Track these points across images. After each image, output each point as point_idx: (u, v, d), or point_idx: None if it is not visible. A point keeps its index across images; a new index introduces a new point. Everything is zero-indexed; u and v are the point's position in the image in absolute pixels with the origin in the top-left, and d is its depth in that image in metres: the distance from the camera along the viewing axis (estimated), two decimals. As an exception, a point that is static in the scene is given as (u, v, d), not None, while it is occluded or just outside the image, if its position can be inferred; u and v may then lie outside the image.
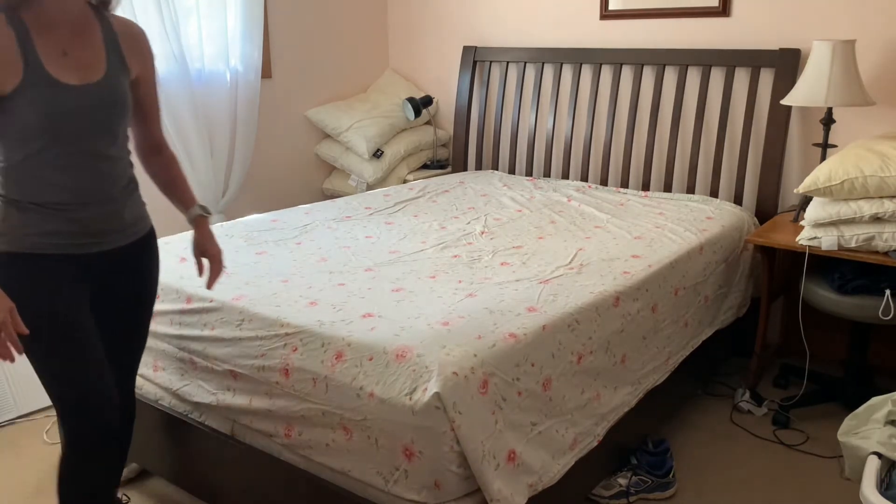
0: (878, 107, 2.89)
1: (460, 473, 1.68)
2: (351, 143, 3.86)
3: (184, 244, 2.59)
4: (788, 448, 2.63)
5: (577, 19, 3.68)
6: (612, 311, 2.14)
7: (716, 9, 3.25)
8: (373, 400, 1.71)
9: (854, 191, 2.48)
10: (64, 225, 1.66)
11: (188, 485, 2.27)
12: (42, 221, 1.64)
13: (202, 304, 2.14)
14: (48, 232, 1.65)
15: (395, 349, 1.74)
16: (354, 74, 4.26)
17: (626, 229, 2.77)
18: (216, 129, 3.46)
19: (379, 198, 3.34)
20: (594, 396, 2.08)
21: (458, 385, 1.64)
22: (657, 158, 3.51)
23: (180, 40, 3.22)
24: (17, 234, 1.63)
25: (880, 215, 2.46)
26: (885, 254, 2.49)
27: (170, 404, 2.24)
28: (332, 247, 2.57)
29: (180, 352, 2.18)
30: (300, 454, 1.91)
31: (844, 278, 2.60)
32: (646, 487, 2.32)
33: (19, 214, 1.63)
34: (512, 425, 1.77)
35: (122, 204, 1.76)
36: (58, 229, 1.65)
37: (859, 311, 2.54)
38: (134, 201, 1.83)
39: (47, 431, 2.79)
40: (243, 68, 3.51)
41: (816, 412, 2.82)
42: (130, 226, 1.80)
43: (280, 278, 2.25)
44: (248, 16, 3.48)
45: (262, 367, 1.95)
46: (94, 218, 1.70)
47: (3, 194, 1.64)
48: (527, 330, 1.87)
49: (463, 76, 4.02)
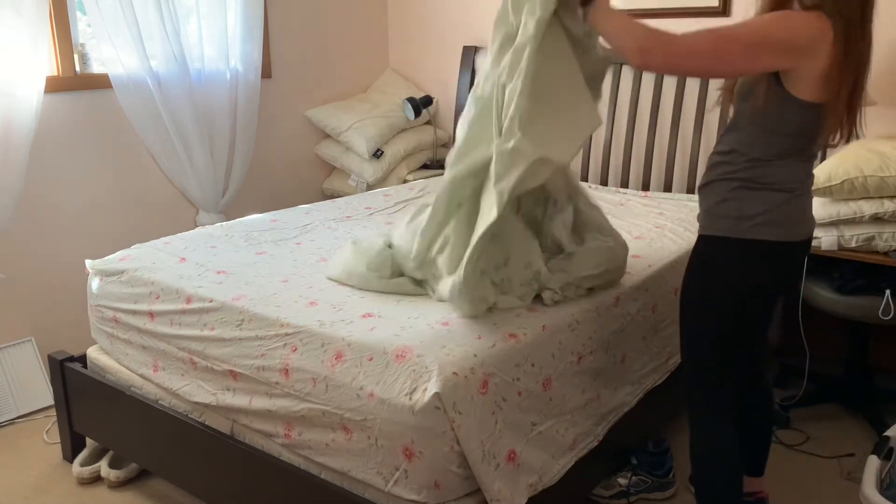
0: (878, 107, 2.88)
1: (460, 473, 1.68)
2: (351, 143, 3.86)
3: (184, 244, 2.60)
4: (788, 448, 2.63)
5: (577, 19, 3.67)
6: (612, 311, 2.14)
7: (716, 9, 3.25)
8: (373, 400, 1.71)
9: (854, 191, 2.48)
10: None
11: (188, 485, 2.27)
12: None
13: (202, 304, 2.14)
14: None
15: (395, 349, 1.74)
16: (354, 74, 4.25)
17: (626, 229, 2.77)
18: (216, 129, 3.46)
19: (379, 198, 3.34)
20: (594, 396, 2.08)
21: (458, 385, 1.64)
22: (657, 158, 3.51)
23: (180, 40, 3.22)
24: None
25: (880, 215, 2.46)
26: (885, 254, 2.49)
27: (170, 404, 2.24)
28: (332, 247, 2.57)
29: (180, 352, 2.18)
30: (300, 454, 1.91)
31: (844, 278, 2.59)
32: (646, 487, 2.32)
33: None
34: (512, 425, 1.77)
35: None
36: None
37: (859, 311, 2.54)
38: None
39: (47, 431, 2.79)
40: (243, 68, 3.51)
41: (816, 412, 2.82)
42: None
43: (280, 278, 2.25)
44: (248, 16, 3.48)
45: (262, 367, 1.95)
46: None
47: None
48: (527, 330, 1.87)
49: (463, 76, 4.02)
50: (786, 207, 1.71)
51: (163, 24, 3.14)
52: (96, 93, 3.15)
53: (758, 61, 1.60)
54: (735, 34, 1.58)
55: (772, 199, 1.70)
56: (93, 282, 2.49)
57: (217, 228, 2.81)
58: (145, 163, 3.35)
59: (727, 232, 1.74)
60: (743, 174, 1.72)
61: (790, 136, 1.69)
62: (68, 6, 3.03)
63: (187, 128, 3.31)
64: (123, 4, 3.00)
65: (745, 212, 1.71)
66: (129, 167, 3.31)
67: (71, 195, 3.13)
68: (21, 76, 2.74)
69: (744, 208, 1.71)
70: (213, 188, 3.47)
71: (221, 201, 3.56)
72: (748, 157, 1.72)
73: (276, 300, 2.08)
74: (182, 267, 2.37)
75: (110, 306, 2.41)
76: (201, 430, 2.11)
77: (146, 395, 2.30)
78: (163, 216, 3.45)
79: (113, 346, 2.45)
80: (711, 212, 1.78)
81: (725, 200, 1.74)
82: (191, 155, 3.36)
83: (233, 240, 2.65)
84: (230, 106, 3.50)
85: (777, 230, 1.71)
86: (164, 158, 3.32)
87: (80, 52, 3.10)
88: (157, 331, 2.25)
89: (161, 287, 2.27)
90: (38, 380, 2.98)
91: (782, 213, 1.71)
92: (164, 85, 3.21)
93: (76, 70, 3.09)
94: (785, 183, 1.71)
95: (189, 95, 3.28)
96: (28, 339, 3.02)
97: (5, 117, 2.73)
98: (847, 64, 1.61)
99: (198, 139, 3.35)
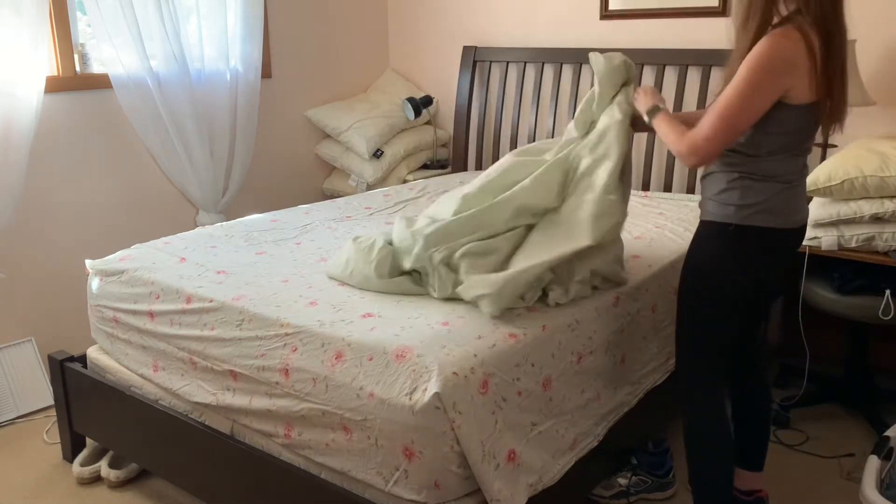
0: (878, 107, 2.89)
1: (460, 473, 1.68)
2: (351, 143, 3.86)
3: (184, 244, 2.60)
4: (788, 448, 2.63)
5: (577, 19, 3.68)
6: (612, 311, 2.14)
7: (716, 9, 3.25)
8: (373, 400, 1.71)
9: (854, 191, 2.48)
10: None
11: (188, 485, 2.27)
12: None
13: (202, 304, 2.14)
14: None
15: (395, 349, 1.74)
16: (354, 74, 4.26)
17: (626, 229, 2.75)
18: (216, 129, 3.46)
19: (379, 198, 3.34)
20: (594, 396, 2.08)
21: (458, 385, 1.64)
22: (657, 158, 3.51)
23: (180, 40, 3.22)
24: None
25: (880, 215, 2.46)
26: (885, 254, 2.49)
27: (170, 404, 2.24)
28: (332, 247, 2.57)
29: (180, 352, 2.18)
30: (300, 454, 1.91)
31: (844, 278, 2.59)
32: (646, 487, 2.32)
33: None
34: (512, 425, 1.77)
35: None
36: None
37: (859, 311, 2.54)
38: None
39: (47, 431, 2.79)
40: (243, 68, 3.51)
41: (816, 412, 2.82)
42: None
43: (280, 278, 2.25)
44: (248, 16, 3.48)
45: (262, 367, 1.95)
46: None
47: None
48: (527, 330, 1.87)
49: (463, 76, 4.02)
50: (782, 197, 1.84)
51: (163, 24, 3.14)
52: (96, 93, 3.15)
53: (761, 105, 1.73)
54: (730, 101, 1.72)
55: (770, 190, 1.82)
56: (93, 282, 2.49)
57: (217, 228, 2.81)
58: (145, 163, 3.35)
59: (728, 219, 1.85)
60: (743, 167, 1.83)
61: (785, 135, 1.79)
62: (68, 6, 3.03)
63: (187, 128, 3.31)
64: (123, 4, 3.00)
65: (746, 200, 1.83)
66: (129, 167, 3.31)
67: (71, 195, 3.13)
68: (21, 76, 2.74)
69: (744, 197, 1.83)
70: (213, 188, 3.47)
71: (221, 201, 3.56)
72: (747, 152, 1.82)
73: (276, 300, 2.08)
74: (182, 267, 2.37)
75: (110, 306, 2.41)
76: (201, 430, 2.11)
77: (146, 395, 2.30)
78: (163, 216, 3.45)
79: (113, 346, 2.45)
80: (713, 199, 1.90)
81: (727, 189, 1.86)
82: (191, 155, 3.36)
83: (233, 240, 2.65)
84: (230, 106, 3.50)
85: (775, 218, 1.83)
86: (164, 158, 3.32)
87: (80, 52, 3.10)
88: (157, 331, 2.25)
89: (161, 287, 2.27)
90: (38, 380, 2.98)
91: (779, 202, 1.83)
92: (164, 85, 3.21)
93: (76, 70, 3.09)
94: (782, 175, 1.83)
95: (189, 95, 3.28)
96: (28, 339, 3.02)
97: (5, 117, 2.73)
98: (831, 63, 1.72)
99: (198, 139, 3.35)
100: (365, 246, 2.18)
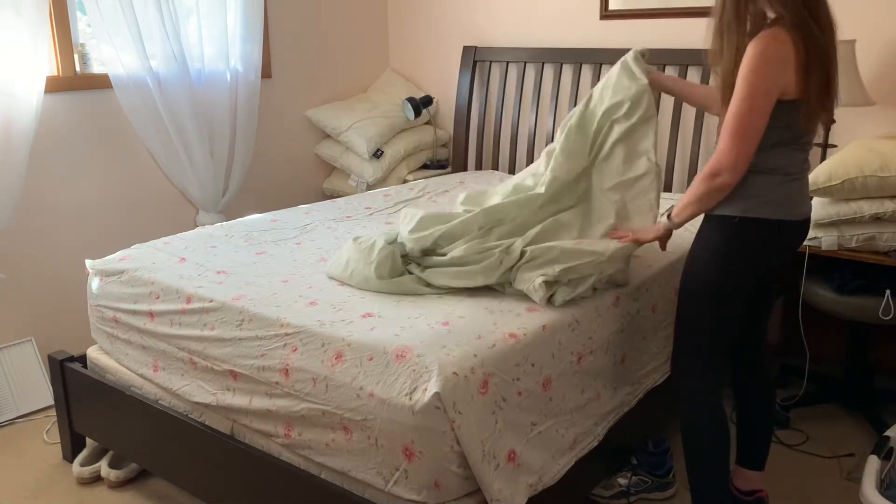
0: (878, 107, 2.89)
1: (460, 473, 1.68)
2: (351, 143, 3.86)
3: (184, 244, 2.60)
4: (788, 448, 2.63)
5: (577, 19, 3.68)
6: (612, 311, 2.14)
7: (716, 9, 3.25)
8: (373, 400, 1.71)
9: (854, 191, 2.48)
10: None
11: (188, 485, 2.27)
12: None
13: (202, 304, 2.14)
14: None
15: (395, 349, 1.74)
16: (354, 74, 4.26)
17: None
18: (216, 129, 3.46)
19: (379, 198, 3.34)
20: (594, 396, 2.08)
21: (458, 385, 1.64)
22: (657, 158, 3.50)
23: (180, 40, 3.22)
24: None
25: (880, 215, 2.46)
26: (886, 254, 2.49)
27: (170, 404, 2.24)
28: (332, 247, 2.57)
29: (180, 352, 2.18)
30: (300, 454, 1.91)
31: (844, 278, 2.60)
32: (646, 487, 2.32)
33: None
34: (512, 425, 1.77)
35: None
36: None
37: (859, 312, 2.54)
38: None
39: (47, 431, 2.79)
40: (243, 68, 3.51)
41: (816, 412, 2.82)
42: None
43: (280, 278, 2.25)
44: (248, 16, 3.48)
45: (262, 367, 1.95)
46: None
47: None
48: (527, 330, 1.87)
49: (463, 76, 4.02)
50: (784, 189, 1.87)
51: (163, 24, 3.14)
52: (96, 93, 3.15)
53: (766, 107, 1.77)
54: (738, 113, 1.78)
55: (772, 183, 1.86)
56: (93, 282, 2.49)
57: (217, 228, 2.81)
58: (145, 163, 3.35)
59: (733, 211, 1.88)
60: None
61: (781, 129, 1.83)
62: (68, 6, 3.03)
63: (187, 128, 3.31)
64: (123, 4, 3.00)
65: (748, 193, 1.86)
66: (129, 167, 3.31)
67: (71, 195, 3.13)
68: (21, 76, 2.74)
69: (747, 190, 1.85)
70: (213, 188, 3.47)
71: (221, 201, 3.56)
72: None
73: (276, 300, 2.08)
74: (182, 267, 2.37)
75: (110, 306, 2.41)
76: (201, 430, 2.11)
77: (146, 395, 2.30)
78: (163, 216, 3.45)
79: (113, 346, 2.45)
80: None
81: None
82: (191, 155, 3.36)
83: (233, 240, 2.65)
84: (230, 106, 3.50)
85: (777, 210, 1.87)
86: (164, 158, 3.32)
87: (80, 52, 3.10)
88: (157, 331, 2.25)
89: (161, 287, 2.27)
90: (38, 380, 2.98)
91: (782, 195, 1.87)
92: (164, 85, 3.21)
93: (76, 70, 3.09)
94: (784, 168, 1.86)
95: (189, 95, 3.28)
96: (28, 339, 3.02)
97: (5, 117, 2.73)
98: (812, 61, 1.78)
99: (198, 139, 3.35)
100: (365, 246, 2.18)
